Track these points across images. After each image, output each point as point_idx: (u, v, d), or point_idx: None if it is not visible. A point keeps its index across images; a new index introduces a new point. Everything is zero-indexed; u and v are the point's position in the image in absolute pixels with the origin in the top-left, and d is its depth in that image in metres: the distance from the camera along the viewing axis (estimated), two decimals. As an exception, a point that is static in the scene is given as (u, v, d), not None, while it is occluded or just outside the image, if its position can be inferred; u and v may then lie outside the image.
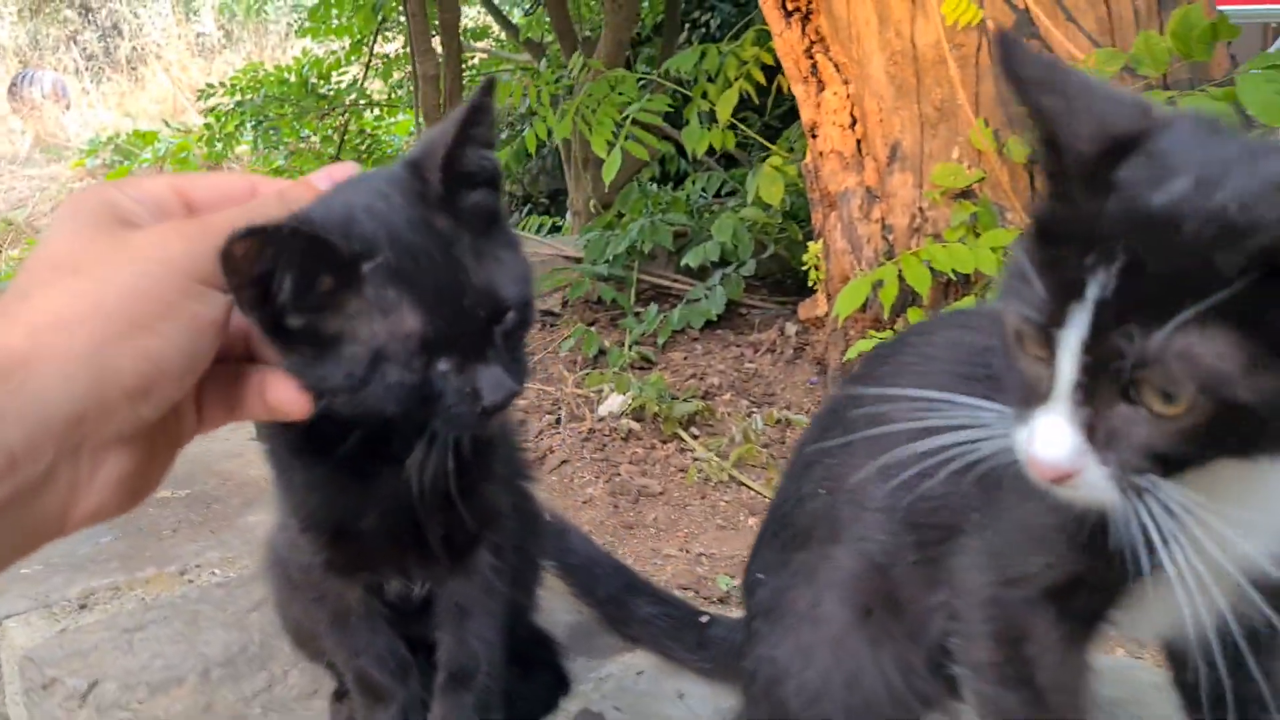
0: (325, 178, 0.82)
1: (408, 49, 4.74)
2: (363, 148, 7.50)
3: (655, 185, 4.67)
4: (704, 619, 1.13)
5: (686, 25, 5.77)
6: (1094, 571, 0.70)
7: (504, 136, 6.89)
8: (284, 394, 0.75)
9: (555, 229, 5.06)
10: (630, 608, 1.17)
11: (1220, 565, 0.68)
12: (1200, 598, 0.72)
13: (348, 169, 0.84)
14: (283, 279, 0.73)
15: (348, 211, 0.77)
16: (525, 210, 6.64)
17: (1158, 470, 0.59)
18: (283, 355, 0.76)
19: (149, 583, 1.35)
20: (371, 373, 0.75)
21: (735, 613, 1.20)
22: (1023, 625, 0.74)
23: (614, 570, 1.22)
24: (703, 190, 4.38)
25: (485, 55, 7.67)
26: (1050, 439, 0.58)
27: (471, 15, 8.63)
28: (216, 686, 1.11)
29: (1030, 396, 0.60)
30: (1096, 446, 0.58)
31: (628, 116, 3.48)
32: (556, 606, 1.28)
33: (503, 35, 7.27)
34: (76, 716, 1.07)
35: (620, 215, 4.26)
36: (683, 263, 3.61)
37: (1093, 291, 0.55)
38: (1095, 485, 0.59)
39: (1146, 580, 0.70)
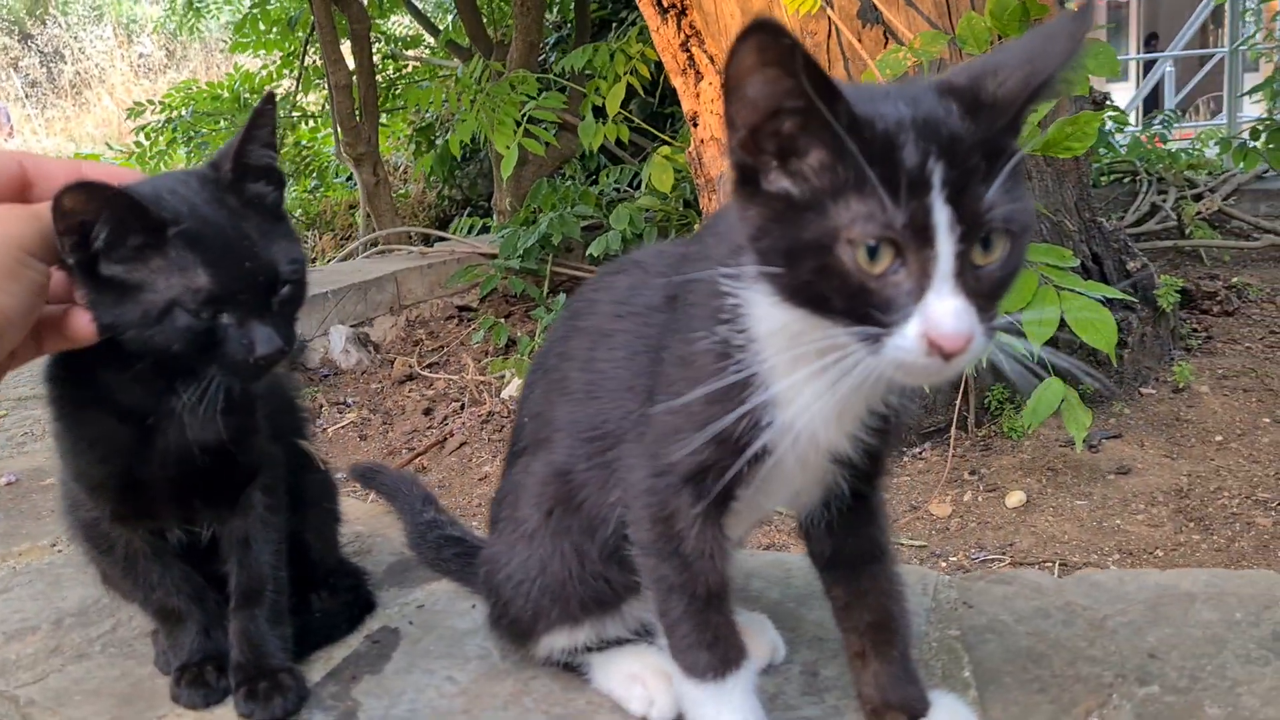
0: (134, 173, 1.02)
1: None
2: (299, 160, 7.59)
3: (572, 181, 4.81)
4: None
5: (614, 24, 5.90)
6: (719, 458, 0.85)
7: (438, 142, 7.02)
8: (80, 323, 0.93)
9: (485, 229, 5.18)
10: (442, 551, 1.33)
11: (816, 440, 0.84)
12: (802, 472, 0.88)
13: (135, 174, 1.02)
14: (101, 230, 0.89)
15: (157, 190, 0.95)
16: (466, 213, 6.75)
17: (996, 303, 0.74)
18: (89, 295, 0.92)
19: (22, 554, 1.48)
20: (164, 316, 0.91)
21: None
22: (670, 506, 0.89)
23: (438, 525, 1.38)
24: (615, 183, 4.51)
25: (418, 63, 7.77)
26: (956, 313, 0.68)
27: (406, 24, 8.73)
28: (66, 632, 1.24)
29: (893, 303, 0.70)
30: (975, 307, 0.70)
31: (525, 114, 3.62)
32: (384, 550, 1.43)
33: (433, 42, 7.38)
34: (-61, 664, 1.21)
35: (539, 211, 4.39)
36: (587, 253, 3.75)
37: (936, 179, 0.68)
38: (981, 340, 0.71)
39: (760, 464, 0.85)
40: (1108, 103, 5.27)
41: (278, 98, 7.07)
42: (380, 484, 1.48)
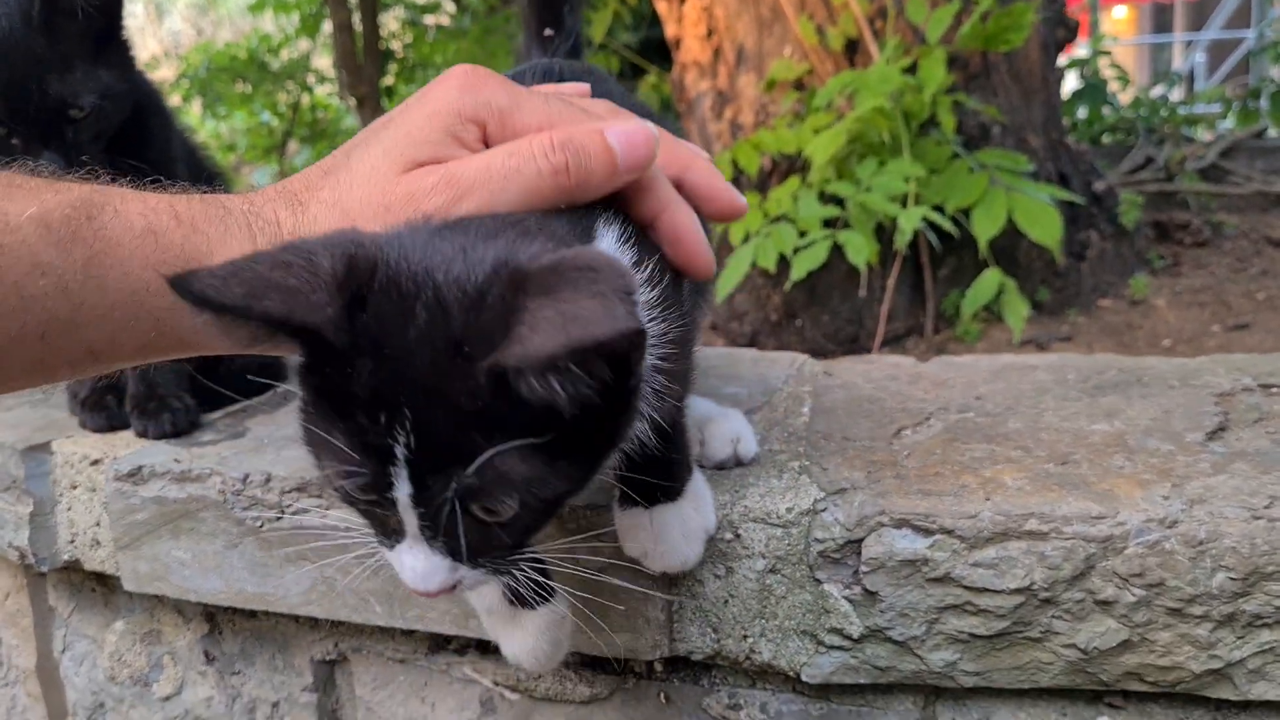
0: None
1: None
2: (315, 123, 7.71)
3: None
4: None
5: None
6: None
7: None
8: None
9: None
10: None
11: None
12: None
13: None
14: None
15: None
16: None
17: (516, 549, 0.66)
18: None
19: None
20: None
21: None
22: None
23: None
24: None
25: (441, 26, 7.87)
26: (420, 571, 0.64)
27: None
28: (3, 398, 1.35)
29: (382, 530, 0.65)
30: (461, 560, 0.63)
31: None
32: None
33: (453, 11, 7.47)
34: None
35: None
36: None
37: (400, 453, 0.58)
38: (476, 580, 0.66)
39: None
40: (1111, 58, 5.27)
41: (295, 59, 7.20)
42: None
